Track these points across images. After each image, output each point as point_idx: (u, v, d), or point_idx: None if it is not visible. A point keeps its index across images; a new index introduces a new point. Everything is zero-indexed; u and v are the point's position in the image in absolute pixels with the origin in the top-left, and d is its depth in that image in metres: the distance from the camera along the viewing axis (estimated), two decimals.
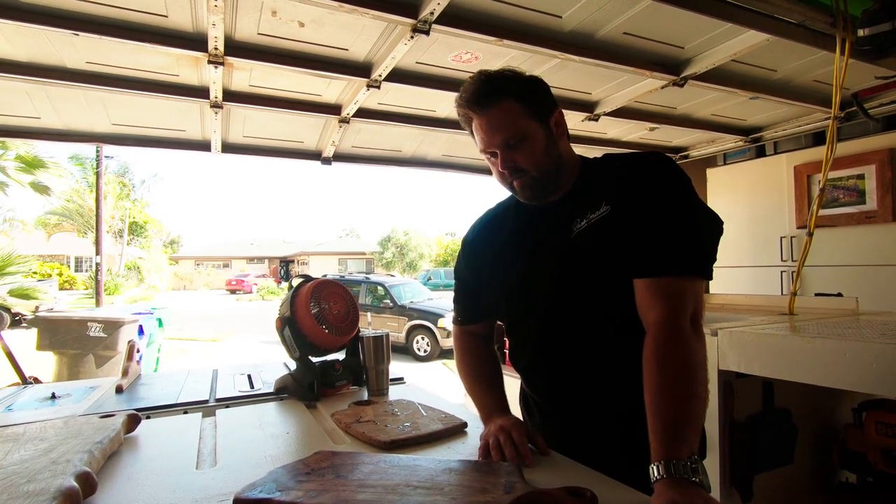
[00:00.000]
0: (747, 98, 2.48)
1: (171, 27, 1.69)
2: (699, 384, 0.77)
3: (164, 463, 0.93)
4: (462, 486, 0.73)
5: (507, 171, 0.98)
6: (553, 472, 0.85)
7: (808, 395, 1.74)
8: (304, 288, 1.40)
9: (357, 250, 38.67)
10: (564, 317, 0.99)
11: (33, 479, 0.72)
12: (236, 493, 0.72)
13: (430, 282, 23.52)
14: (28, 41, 1.73)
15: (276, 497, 0.70)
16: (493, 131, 0.95)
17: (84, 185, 24.14)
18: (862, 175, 2.90)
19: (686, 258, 0.87)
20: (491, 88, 0.95)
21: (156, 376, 1.74)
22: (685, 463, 0.69)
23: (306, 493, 0.71)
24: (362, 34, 1.80)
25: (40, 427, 1.01)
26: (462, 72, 2.14)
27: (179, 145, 2.71)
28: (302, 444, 1.03)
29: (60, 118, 2.34)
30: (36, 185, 9.38)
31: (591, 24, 1.80)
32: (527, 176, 0.97)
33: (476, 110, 0.96)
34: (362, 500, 0.69)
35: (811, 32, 1.79)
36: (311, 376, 1.36)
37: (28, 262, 9.00)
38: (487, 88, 0.95)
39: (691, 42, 1.96)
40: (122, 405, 1.34)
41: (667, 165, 0.94)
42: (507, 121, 0.94)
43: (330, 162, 3.02)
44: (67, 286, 24.55)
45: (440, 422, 1.10)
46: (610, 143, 3.26)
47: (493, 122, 0.95)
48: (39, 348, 4.58)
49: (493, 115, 0.95)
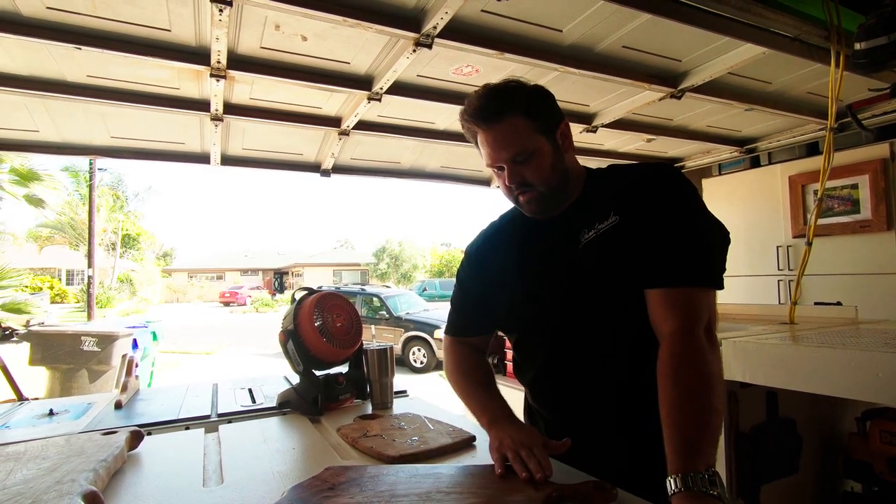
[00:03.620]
0: (743, 109, 2.51)
1: (174, 41, 1.70)
2: (716, 396, 0.77)
3: (170, 481, 0.91)
4: (491, 488, 0.73)
5: (514, 185, 0.97)
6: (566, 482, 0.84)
7: (813, 405, 1.74)
8: (307, 301, 1.39)
9: (352, 261, 38.57)
10: (573, 328, 0.99)
11: (38, 499, 0.70)
12: None
13: (425, 292, 23.46)
14: (29, 55, 1.73)
15: None
16: (499, 147, 0.94)
17: (77, 197, 24.01)
18: (856, 185, 2.93)
19: (700, 269, 0.87)
20: (498, 104, 0.94)
21: (154, 391, 1.72)
22: (703, 476, 0.68)
23: None
24: (364, 48, 1.82)
25: (41, 445, 0.99)
26: (462, 84, 2.16)
27: (178, 158, 2.70)
28: (309, 460, 1.02)
29: (59, 131, 2.33)
30: (30, 197, 9.31)
31: (590, 37, 1.82)
32: (534, 191, 0.97)
33: (482, 126, 0.95)
34: None
35: (806, 46, 1.83)
36: (314, 390, 1.35)
37: (20, 275, 8.90)
38: (494, 104, 0.94)
39: (689, 55, 1.99)
40: (122, 421, 1.32)
41: (676, 177, 0.95)
42: (514, 137, 0.93)
43: (329, 174, 3.03)
44: (59, 299, 24.25)
45: (448, 435, 1.09)
46: (607, 155, 3.29)
47: (500, 138, 0.94)
48: (32, 363, 4.50)
49: (500, 131, 0.94)
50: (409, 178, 3.31)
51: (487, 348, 1.24)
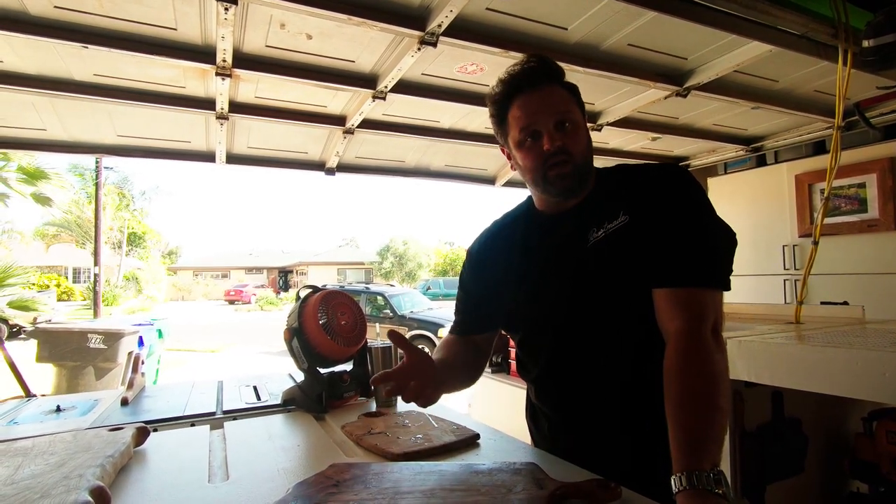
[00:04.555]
0: (749, 108, 2.50)
1: (181, 40, 1.71)
2: (721, 395, 0.77)
3: (176, 477, 0.91)
4: (495, 486, 0.73)
5: (554, 150, 0.93)
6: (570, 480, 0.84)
7: (818, 405, 1.73)
8: (311, 298, 1.39)
9: (356, 260, 38.64)
10: (579, 328, 0.99)
11: (47, 494, 0.71)
12: None
13: (429, 291, 23.47)
14: (37, 54, 1.74)
15: None
16: (542, 110, 0.94)
17: (83, 195, 24.17)
18: (863, 184, 2.91)
19: (707, 269, 0.87)
20: (543, 70, 0.95)
21: (160, 388, 1.73)
22: (708, 474, 0.68)
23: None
24: (369, 46, 1.82)
25: (49, 441, 0.99)
26: (467, 83, 2.15)
27: (184, 156, 2.71)
28: (314, 457, 1.02)
29: (66, 130, 2.34)
30: (38, 196, 9.38)
31: (596, 35, 1.81)
32: (570, 164, 0.94)
33: (524, 90, 0.95)
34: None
35: (813, 43, 1.81)
36: (319, 388, 1.35)
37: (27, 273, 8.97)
38: (540, 70, 0.95)
39: (694, 53, 1.98)
40: (128, 418, 1.33)
41: (685, 177, 0.95)
42: (559, 102, 0.94)
43: (334, 172, 3.03)
44: (65, 297, 24.48)
45: (452, 433, 1.09)
46: (612, 153, 3.28)
47: (545, 101, 0.94)
48: (39, 360, 4.54)
49: (546, 94, 0.94)
50: (413, 177, 3.31)
51: (491, 348, 1.23)
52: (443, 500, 0.69)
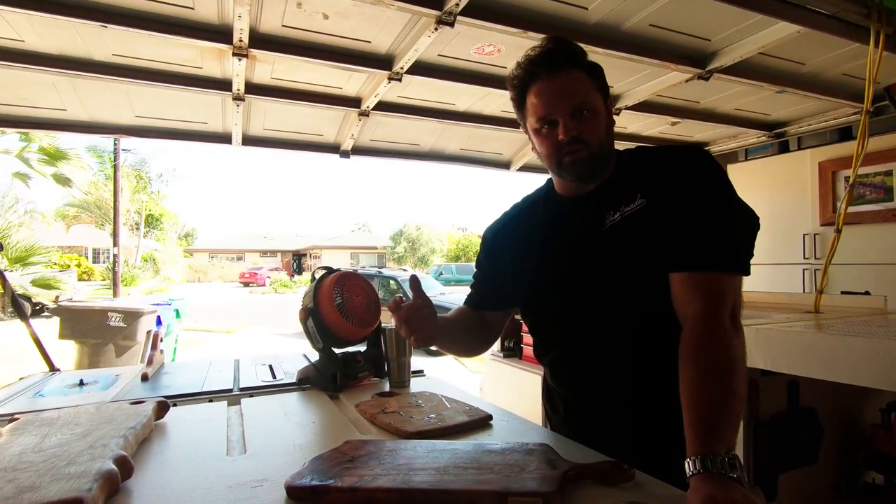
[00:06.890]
0: (773, 92, 2.43)
1: (198, 19, 1.71)
2: (738, 380, 0.76)
3: (195, 449, 0.94)
4: (507, 465, 0.74)
5: (569, 139, 0.92)
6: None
7: (835, 395, 1.70)
8: (327, 279, 1.40)
9: (369, 244, 38.85)
10: (594, 313, 0.98)
11: (73, 461, 0.73)
12: (286, 481, 0.72)
13: (441, 276, 23.50)
14: (58, 33, 1.76)
15: (333, 483, 0.70)
16: (560, 97, 0.92)
17: (102, 177, 24.55)
18: (890, 172, 2.83)
19: (726, 253, 0.86)
20: (564, 53, 0.93)
21: (179, 365, 1.77)
22: (722, 458, 0.67)
23: (361, 479, 0.70)
24: (385, 26, 1.80)
25: (73, 413, 1.02)
26: (484, 65, 2.13)
27: (201, 137, 2.73)
28: (329, 434, 1.04)
29: (86, 110, 2.37)
30: (58, 176, 9.56)
31: (616, 15, 1.77)
32: (585, 151, 0.93)
33: (543, 74, 0.93)
34: (420, 481, 0.69)
35: (844, 24, 1.75)
36: (333, 367, 1.37)
37: (49, 252, 9.19)
38: (561, 53, 0.93)
39: (719, 34, 1.93)
40: (148, 392, 1.36)
41: (706, 159, 0.92)
42: (578, 88, 0.92)
43: (349, 155, 3.03)
44: (85, 277, 25.01)
45: (465, 414, 1.10)
46: (630, 138, 3.22)
47: (563, 87, 0.92)
48: (62, 337, 4.66)
49: (564, 80, 0.92)
50: (428, 161, 3.29)
51: (501, 328, 1.23)
52: (456, 477, 0.70)
